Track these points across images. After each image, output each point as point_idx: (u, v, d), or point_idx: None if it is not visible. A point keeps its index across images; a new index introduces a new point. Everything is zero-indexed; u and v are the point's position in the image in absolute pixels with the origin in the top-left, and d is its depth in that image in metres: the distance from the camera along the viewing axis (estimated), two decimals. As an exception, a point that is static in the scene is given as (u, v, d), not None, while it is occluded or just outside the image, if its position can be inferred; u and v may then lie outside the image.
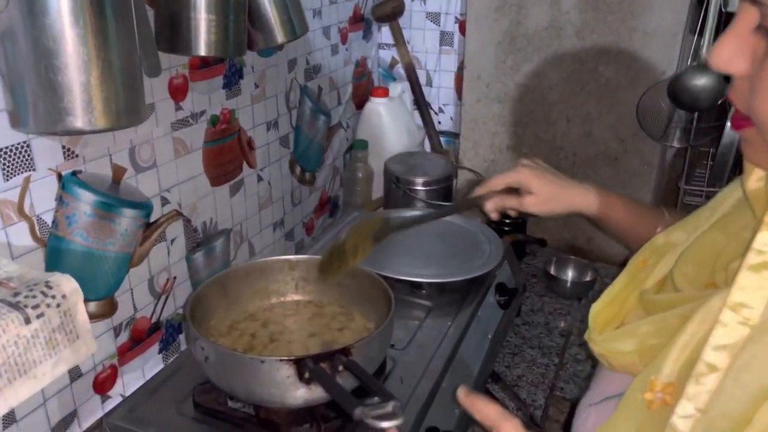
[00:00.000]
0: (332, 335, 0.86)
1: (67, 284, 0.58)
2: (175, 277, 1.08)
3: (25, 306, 0.54)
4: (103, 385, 0.98)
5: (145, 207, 0.98)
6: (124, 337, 1.00)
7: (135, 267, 0.99)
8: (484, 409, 0.60)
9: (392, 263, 1.06)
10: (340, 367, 0.70)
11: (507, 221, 1.48)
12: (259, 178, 1.26)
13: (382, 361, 0.85)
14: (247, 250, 1.26)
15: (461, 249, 1.15)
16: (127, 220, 0.95)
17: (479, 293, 1.06)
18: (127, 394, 1.02)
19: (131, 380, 1.02)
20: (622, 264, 1.40)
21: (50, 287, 0.56)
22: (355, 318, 0.89)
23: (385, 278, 0.89)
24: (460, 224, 1.22)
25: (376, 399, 0.57)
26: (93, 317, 0.94)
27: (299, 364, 0.69)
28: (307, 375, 0.69)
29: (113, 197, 0.92)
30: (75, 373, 0.92)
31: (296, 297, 0.95)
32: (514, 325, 1.23)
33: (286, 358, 0.69)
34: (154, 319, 1.05)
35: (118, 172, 0.93)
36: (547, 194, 0.89)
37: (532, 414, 1.01)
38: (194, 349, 0.76)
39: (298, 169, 1.39)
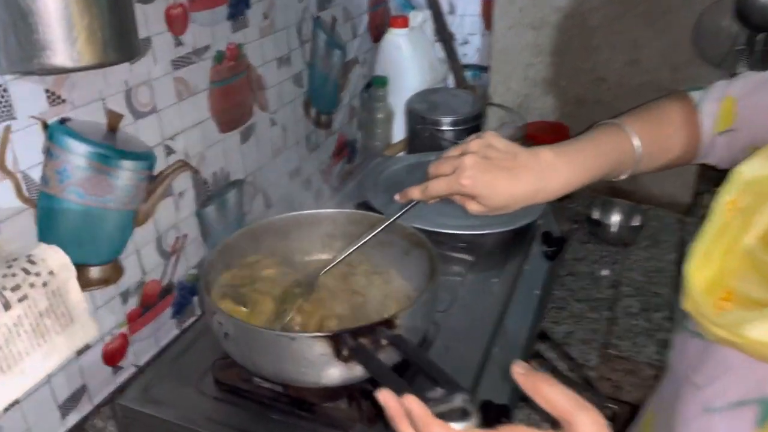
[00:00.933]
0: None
1: (55, 257, 0.47)
2: (185, 235, 0.97)
3: (3, 288, 0.43)
4: (113, 356, 0.89)
5: (147, 158, 0.87)
6: (133, 303, 0.90)
7: (140, 226, 0.88)
8: (552, 395, 0.45)
9: (426, 214, 0.95)
10: (384, 341, 0.60)
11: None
12: (272, 122, 1.14)
13: (425, 328, 0.75)
14: (263, 201, 1.15)
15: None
16: (127, 173, 0.84)
17: (524, 244, 0.95)
18: (141, 363, 0.94)
19: (144, 349, 0.94)
20: (669, 206, 1.27)
21: (33, 262, 0.45)
22: (391, 279, 0.78)
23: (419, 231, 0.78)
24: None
25: (439, 391, 0.46)
26: (97, 283, 0.84)
27: (336, 340, 0.59)
28: (345, 352, 0.59)
29: (110, 147, 0.81)
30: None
31: (323, 256, 0.84)
32: (557, 276, 1.12)
33: (320, 334, 0.58)
34: (165, 282, 0.95)
35: (114, 119, 0.81)
36: (495, 204, 0.68)
37: (587, 376, 0.92)
38: (212, 323, 0.65)
39: (312, 111, 1.26)
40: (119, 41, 0.60)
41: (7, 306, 0.43)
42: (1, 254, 0.47)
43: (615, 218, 1.27)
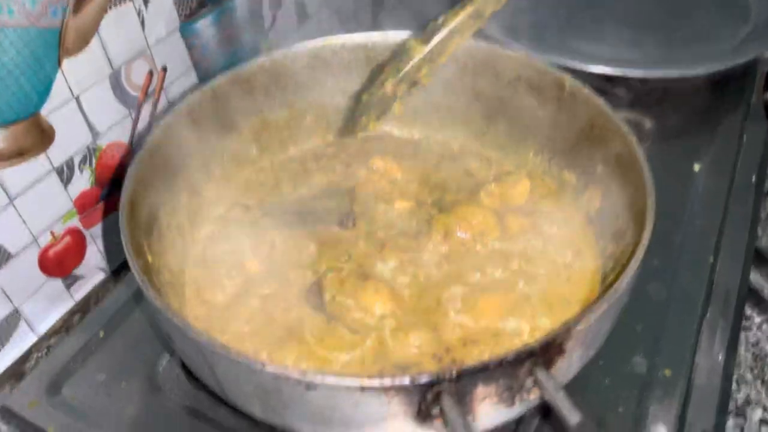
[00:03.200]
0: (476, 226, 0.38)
1: None
2: (165, 69, 0.60)
3: None
4: (61, 263, 0.58)
5: (63, -72, 0.47)
6: (82, 181, 0.57)
7: (73, 55, 0.51)
8: None
9: (561, 36, 0.53)
10: (531, 389, 0.24)
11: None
12: None
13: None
14: (294, 8, 0.75)
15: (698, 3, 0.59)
16: (25, -42, 0.45)
17: (742, 95, 0.54)
18: (114, 267, 0.63)
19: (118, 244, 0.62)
20: None
21: None
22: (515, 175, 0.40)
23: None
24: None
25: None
26: (3, 157, 0.50)
27: (418, 395, 0.23)
28: (435, 411, 0.24)
29: None
30: (-2, 256, 0.52)
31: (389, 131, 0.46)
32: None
33: (379, 381, 0.23)
34: (136, 141, 0.61)
35: None
36: None
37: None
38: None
39: None
40: None
41: None
42: None
43: None
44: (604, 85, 0.55)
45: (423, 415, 0.26)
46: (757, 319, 0.57)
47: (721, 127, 0.52)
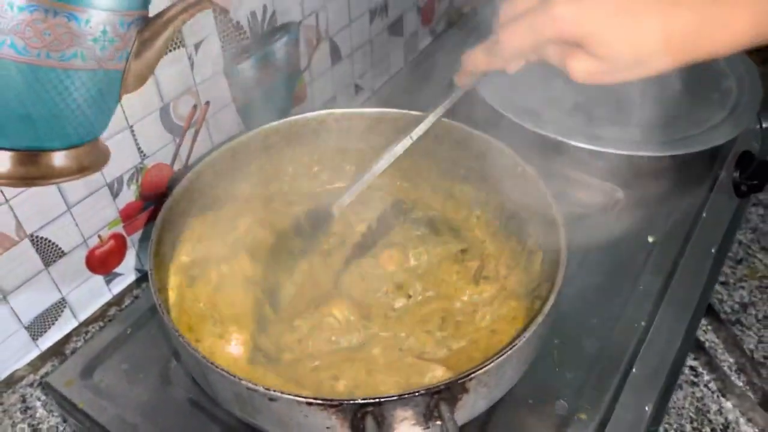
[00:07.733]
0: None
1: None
2: (208, 103, 0.69)
3: None
4: (104, 262, 0.67)
5: (133, -10, 0.57)
6: (128, 195, 0.66)
7: (132, 92, 0.61)
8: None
9: (539, 108, 0.61)
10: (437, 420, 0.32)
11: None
12: (348, -66, 0.78)
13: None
14: (329, 53, 0.83)
15: (680, 84, 0.65)
16: (101, 14, 0.55)
17: (709, 174, 0.60)
18: (144, 272, 0.72)
19: (152, 249, 0.71)
20: None
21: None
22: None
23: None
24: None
25: None
26: (67, 173, 0.60)
27: (350, 413, 0.31)
28: (362, 426, 0.32)
29: (65, -28, 0.51)
30: (53, 253, 0.61)
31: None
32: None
33: (319, 401, 0.31)
34: (177, 165, 0.70)
35: (67, -77, 0.50)
36: (618, 52, 0.38)
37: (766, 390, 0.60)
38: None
39: None
40: None
41: None
42: None
43: None
44: (585, 157, 0.62)
45: (355, 428, 0.34)
46: (706, 377, 0.63)
47: (683, 202, 0.58)
